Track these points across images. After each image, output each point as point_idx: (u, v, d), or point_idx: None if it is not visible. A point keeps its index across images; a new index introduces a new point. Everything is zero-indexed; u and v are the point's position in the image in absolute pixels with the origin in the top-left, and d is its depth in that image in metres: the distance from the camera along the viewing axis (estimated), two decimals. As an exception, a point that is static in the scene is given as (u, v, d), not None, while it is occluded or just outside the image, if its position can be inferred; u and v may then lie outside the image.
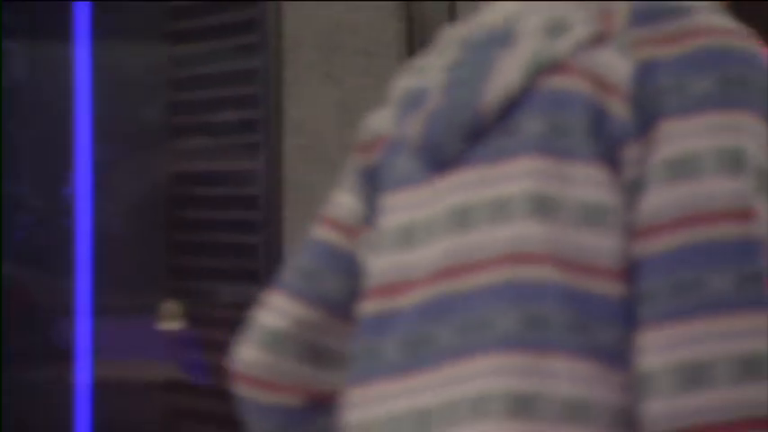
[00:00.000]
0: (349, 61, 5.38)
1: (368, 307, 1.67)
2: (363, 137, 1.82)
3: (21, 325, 6.54)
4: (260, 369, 1.84)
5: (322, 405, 1.86)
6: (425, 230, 1.61)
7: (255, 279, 5.63)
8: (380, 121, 1.79)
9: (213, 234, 6.13)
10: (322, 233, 1.85)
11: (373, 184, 1.78)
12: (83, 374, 6.27)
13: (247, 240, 5.73)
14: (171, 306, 6.26)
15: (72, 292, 6.28)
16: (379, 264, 1.66)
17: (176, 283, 6.29)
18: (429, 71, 1.69)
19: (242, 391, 1.87)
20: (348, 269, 1.82)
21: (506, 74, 1.57)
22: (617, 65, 1.51)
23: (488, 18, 1.67)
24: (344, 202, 1.83)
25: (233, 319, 5.99)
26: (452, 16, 5.37)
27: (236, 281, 5.96)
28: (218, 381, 6.10)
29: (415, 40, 5.43)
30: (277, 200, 5.38)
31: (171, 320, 6.27)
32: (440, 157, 1.60)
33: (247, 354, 1.85)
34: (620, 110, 1.49)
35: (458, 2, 5.37)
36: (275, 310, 1.85)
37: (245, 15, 5.68)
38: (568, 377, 1.45)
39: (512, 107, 1.57)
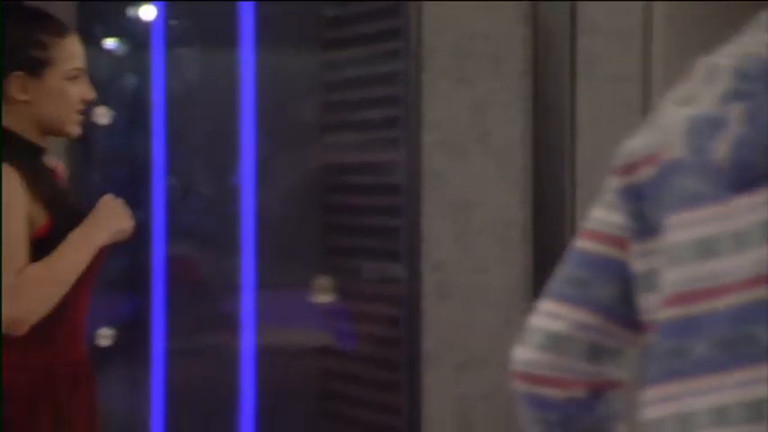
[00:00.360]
0: (480, 65, 5.34)
1: (668, 312, 1.71)
2: (623, 160, 1.86)
3: (193, 298, 6.60)
4: (543, 368, 1.90)
5: (600, 394, 1.91)
6: (733, 242, 1.63)
7: (396, 258, 5.64)
8: (642, 144, 1.83)
9: (360, 218, 6.16)
10: (587, 245, 1.91)
11: (639, 200, 1.81)
12: (247, 341, 6.29)
13: (390, 223, 5.76)
14: (323, 281, 6.30)
15: (238, 269, 6.29)
16: (678, 274, 1.70)
17: (328, 260, 6.34)
18: (701, 100, 1.72)
19: (523, 387, 1.94)
20: (619, 277, 1.85)
21: None
22: None
23: (751, 49, 1.70)
24: (607, 217, 1.87)
25: (376, 293, 6.02)
26: (573, 24, 5.28)
27: (379, 259, 5.99)
28: (362, 346, 6.17)
29: (539, 46, 5.37)
30: (416, 188, 5.38)
31: (323, 294, 6.30)
32: (746, 177, 1.63)
33: (528, 355, 1.92)
34: None
35: (578, 10, 5.29)
36: (551, 315, 1.91)
37: (390, 25, 5.68)
38: None
39: None
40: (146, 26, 6.52)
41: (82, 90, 3.06)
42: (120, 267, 6.73)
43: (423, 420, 5.32)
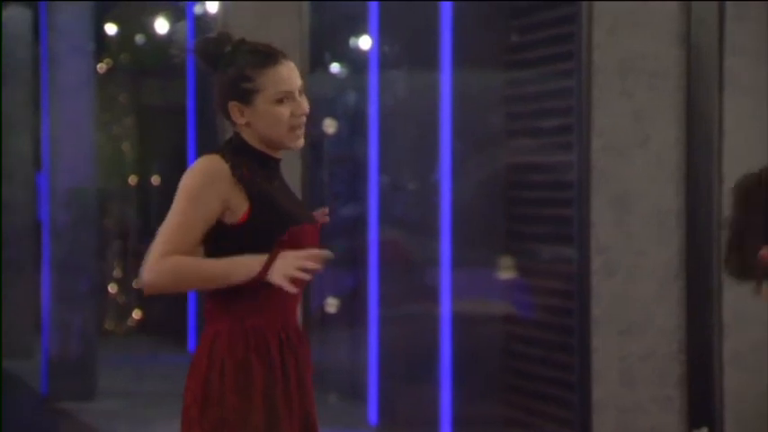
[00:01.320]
0: (640, 81, 5.27)
1: None
2: None
3: (401, 273, 6.67)
4: None
5: None
6: None
7: (569, 242, 5.57)
8: None
9: (538, 209, 6.12)
10: None
11: None
12: (445, 310, 6.30)
13: (563, 213, 5.71)
14: (507, 260, 6.29)
15: (437, 250, 6.30)
16: None
17: (511, 244, 6.31)
18: None
19: None
20: None
21: None
22: None
23: None
24: None
25: (551, 271, 5.99)
26: (721, 45, 5.21)
27: (554, 243, 5.95)
28: (540, 315, 6.13)
29: (691, 63, 5.30)
30: (585, 183, 5.30)
31: (507, 271, 6.29)
32: None
33: None
34: None
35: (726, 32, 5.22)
36: None
37: (564, 48, 5.65)
38: None
39: None
40: (363, 53, 6.64)
41: (292, 108, 2.97)
42: (344, 248, 6.85)
43: (592, 376, 5.28)
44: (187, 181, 2.95)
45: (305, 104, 3.01)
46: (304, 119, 3.01)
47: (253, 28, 5.04)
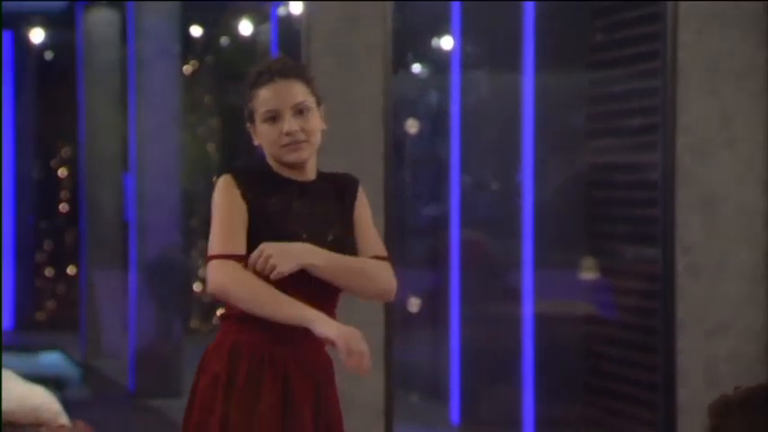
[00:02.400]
0: (726, 80, 5.23)
1: None
2: None
3: (483, 274, 6.65)
4: None
5: None
6: None
7: (652, 242, 5.52)
8: None
9: (620, 209, 6.06)
10: None
11: None
12: (527, 310, 6.29)
13: (647, 213, 5.65)
14: (589, 261, 6.24)
15: (519, 250, 6.29)
16: None
17: (593, 243, 6.26)
18: None
19: None
20: None
21: None
22: None
23: None
24: None
25: (635, 272, 5.92)
26: None
27: (637, 243, 5.89)
28: (623, 315, 6.08)
29: None
30: (670, 183, 5.27)
31: (589, 271, 6.25)
32: None
33: None
34: None
35: None
36: None
37: (649, 47, 5.61)
38: None
39: None
40: (446, 53, 6.63)
41: (280, 127, 2.95)
42: (425, 248, 6.84)
43: (676, 377, 5.23)
44: (215, 198, 3.00)
45: (296, 124, 2.97)
46: (298, 137, 2.97)
47: (337, 29, 5.04)
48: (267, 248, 2.91)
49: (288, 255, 2.90)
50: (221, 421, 2.91)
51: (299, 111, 2.97)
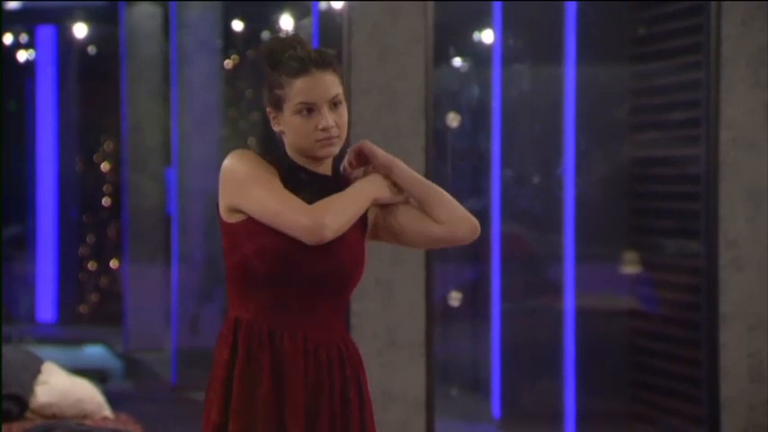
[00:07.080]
0: None
1: None
2: None
3: (524, 268, 6.63)
4: None
5: None
6: None
7: (695, 236, 5.51)
8: None
9: (663, 202, 6.04)
10: None
11: None
12: (568, 304, 6.27)
13: (690, 207, 5.62)
14: (631, 255, 6.21)
15: (560, 244, 6.28)
16: None
17: (635, 237, 6.24)
18: None
19: None
20: None
21: None
22: None
23: None
24: None
25: (677, 266, 5.90)
26: None
27: (680, 237, 5.87)
28: (665, 309, 6.05)
29: None
30: (714, 177, 5.24)
31: (631, 265, 6.22)
32: None
33: None
34: None
35: None
36: None
37: (692, 40, 5.58)
38: None
39: None
40: (487, 47, 6.60)
41: (316, 121, 2.88)
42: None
43: (720, 372, 5.19)
44: (239, 170, 2.94)
45: (331, 118, 2.91)
46: (334, 132, 2.91)
47: (378, 24, 5.04)
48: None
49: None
50: (220, 402, 2.97)
51: (334, 104, 2.92)
